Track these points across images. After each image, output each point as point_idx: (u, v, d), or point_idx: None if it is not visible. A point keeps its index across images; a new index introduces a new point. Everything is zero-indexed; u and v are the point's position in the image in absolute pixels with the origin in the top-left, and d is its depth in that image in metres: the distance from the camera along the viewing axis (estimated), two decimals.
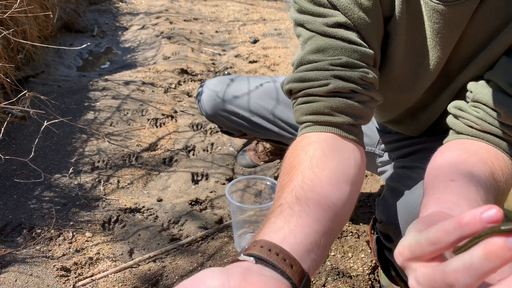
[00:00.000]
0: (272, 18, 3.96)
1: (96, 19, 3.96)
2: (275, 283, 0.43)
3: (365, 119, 0.74)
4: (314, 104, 0.71)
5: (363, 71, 0.71)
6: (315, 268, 0.52)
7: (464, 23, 0.71)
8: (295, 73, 0.74)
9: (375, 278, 1.19)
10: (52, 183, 1.52)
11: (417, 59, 0.80)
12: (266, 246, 0.47)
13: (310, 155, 0.65)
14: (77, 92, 2.29)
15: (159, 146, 1.84)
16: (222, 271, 0.43)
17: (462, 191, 0.56)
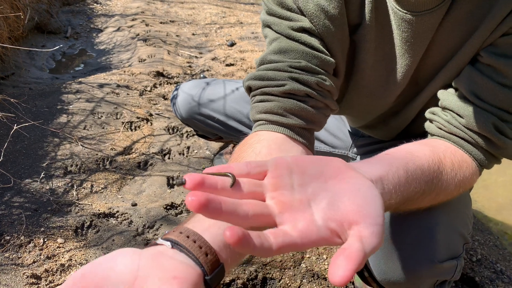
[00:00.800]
0: (249, 21, 3.97)
1: (70, 20, 3.88)
2: (185, 268, 0.43)
3: (318, 125, 0.75)
4: (269, 104, 0.72)
5: (320, 77, 0.73)
6: (237, 259, 0.52)
7: (431, 33, 0.73)
8: (256, 71, 0.76)
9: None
10: (23, 188, 1.48)
11: (387, 66, 0.82)
12: (185, 233, 0.47)
13: (256, 152, 0.66)
14: (50, 95, 2.24)
15: (134, 150, 1.82)
16: (135, 251, 0.44)
17: (383, 160, 0.60)
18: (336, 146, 1.20)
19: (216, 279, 0.46)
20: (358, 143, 1.15)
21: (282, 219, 0.45)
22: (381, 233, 0.45)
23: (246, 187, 0.46)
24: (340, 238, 0.44)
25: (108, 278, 0.41)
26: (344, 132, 1.20)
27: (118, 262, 0.42)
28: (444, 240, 0.73)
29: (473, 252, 1.42)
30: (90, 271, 0.42)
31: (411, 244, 0.73)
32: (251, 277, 1.18)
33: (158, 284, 0.40)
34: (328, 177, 0.48)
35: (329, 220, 0.45)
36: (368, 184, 0.49)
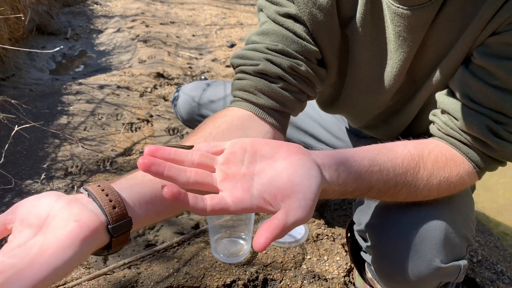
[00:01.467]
0: (249, 22, 3.97)
1: (70, 21, 3.88)
2: (89, 214, 0.48)
3: (290, 108, 0.78)
4: (243, 82, 0.76)
5: (295, 62, 0.75)
6: (154, 218, 0.57)
7: (425, 28, 0.73)
8: (241, 50, 0.79)
9: (350, 281, 1.21)
10: (23, 189, 1.48)
11: (382, 61, 0.82)
12: (102, 186, 0.52)
13: (216, 126, 0.70)
14: (50, 96, 2.24)
15: (134, 151, 1.82)
16: (58, 195, 0.50)
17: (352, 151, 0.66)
18: (338, 147, 1.20)
19: (119, 229, 0.50)
20: (360, 144, 1.15)
21: (222, 187, 0.54)
22: (309, 207, 0.51)
23: (197, 158, 0.55)
24: (273, 207, 0.52)
25: (31, 212, 0.48)
26: (346, 132, 1.20)
27: (41, 201, 0.49)
28: (448, 242, 0.73)
29: (473, 253, 1.42)
30: (22, 204, 0.49)
31: (415, 246, 0.73)
32: (251, 278, 1.18)
33: (61, 223, 0.46)
34: (278, 158, 0.56)
35: (264, 192, 0.53)
36: (309, 165, 0.55)
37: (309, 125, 1.23)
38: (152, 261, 1.23)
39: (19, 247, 0.45)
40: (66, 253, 0.44)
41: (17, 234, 0.47)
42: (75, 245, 0.45)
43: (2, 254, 0.45)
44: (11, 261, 0.43)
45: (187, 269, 1.20)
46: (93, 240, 0.48)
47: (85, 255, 0.47)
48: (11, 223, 0.48)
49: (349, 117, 1.06)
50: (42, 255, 0.44)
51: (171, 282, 1.15)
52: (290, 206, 0.51)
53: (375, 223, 0.80)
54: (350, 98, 0.92)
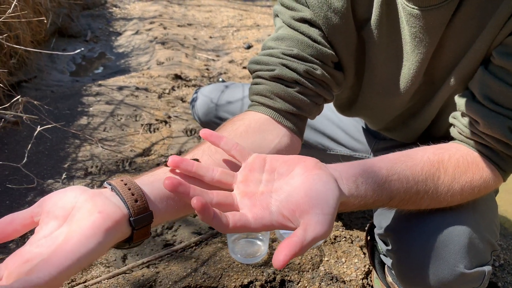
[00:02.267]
0: (266, 24, 3.98)
1: (90, 24, 3.95)
2: (112, 206, 0.50)
3: (307, 112, 0.78)
4: (260, 86, 0.77)
5: (310, 66, 0.75)
6: (173, 214, 0.59)
7: (441, 29, 0.72)
8: (257, 55, 0.80)
9: (368, 283, 1.20)
10: (45, 188, 1.51)
11: (398, 63, 0.81)
12: (125, 181, 0.54)
13: (234, 128, 0.71)
14: (70, 97, 2.28)
15: (153, 152, 1.84)
16: (82, 189, 0.52)
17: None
18: (357, 149, 1.20)
19: (140, 222, 0.52)
20: (379, 146, 1.14)
21: (242, 205, 0.56)
22: (327, 221, 0.52)
23: (217, 175, 0.58)
24: (293, 223, 0.53)
25: (57, 204, 0.50)
26: (363, 134, 1.19)
27: (66, 194, 0.51)
28: (472, 247, 0.72)
29: (495, 257, 1.39)
30: (48, 197, 0.51)
31: (438, 251, 0.72)
32: (269, 279, 1.18)
33: (86, 214, 0.48)
34: (295, 174, 0.57)
35: (283, 208, 0.54)
36: (325, 180, 0.56)
37: (327, 126, 1.23)
38: (170, 260, 1.25)
39: (45, 237, 0.47)
40: (90, 242, 0.46)
41: (44, 225, 0.48)
42: (99, 235, 0.47)
43: (29, 244, 0.46)
44: (37, 250, 0.45)
45: (205, 269, 1.21)
46: (115, 231, 0.49)
47: (108, 245, 0.49)
48: (38, 216, 0.50)
49: (367, 119, 1.05)
50: (67, 244, 0.45)
51: (189, 282, 1.16)
52: (309, 221, 0.52)
53: (397, 227, 0.80)
54: (368, 101, 0.92)
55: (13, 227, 0.50)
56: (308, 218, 0.52)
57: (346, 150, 1.22)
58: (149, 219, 0.53)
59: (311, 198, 0.53)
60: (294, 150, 0.77)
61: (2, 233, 0.49)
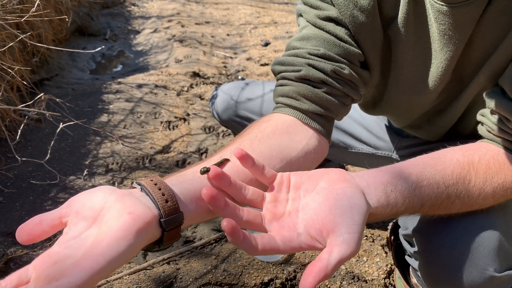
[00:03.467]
0: (284, 21, 3.96)
1: (109, 22, 3.99)
2: (142, 207, 0.49)
3: (335, 112, 0.76)
4: (286, 88, 0.75)
5: (338, 65, 0.73)
6: (204, 215, 0.57)
7: (471, 25, 0.70)
8: (281, 56, 0.78)
9: (390, 283, 1.18)
10: (67, 184, 1.53)
11: (426, 61, 0.79)
12: (155, 181, 0.53)
13: (261, 129, 0.69)
14: (91, 95, 2.31)
15: (172, 149, 1.85)
16: (111, 189, 0.51)
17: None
18: (379, 147, 1.18)
19: (171, 223, 0.51)
20: (403, 144, 1.12)
21: (270, 227, 0.55)
22: (353, 240, 0.50)
23: (249, 194, 0.58)
24: (321, 243, 0.52)
25: (85, 205, 0.49)
26: (387, 132, 1.17)
27: (95, 194, 0.50)
28: (502, 250, 0.70)
29: None
30: (77, 197, 0.50)
31: (467, 253, 0.70)
32: (289, 277, 1.18)
33: (116, 215, 0.47)
34: (320, 190, 0.56)
35: (309, 228, 0.53)
36: (350, 194, 0.54)
37: (349, 124, 1.21)
38: (191, 257, 1.25)
39: (74, 238, 0.46)
40: (121, 244, 0.45)
41: (72, 226, 0.47)
42: (129, 237, 0.46)
43: (58, 245, 0.46)
44: (66, 252, 0.44)
45: (225, 266, 1.21)
46: (146, 232, 0.48)
47: (138, 247, 0.48)
48: (66, 217, 0.49)
49: (391, 117, 1.03)
50: (97, 246, 0.44)
51: (209, 279, 1.16)
52: (334, 242, 0.50)
53: (423, 228, 0.78)
54: (394, 99, 0.90)
55: (41, 228, 0.49)
56: (333, 238, 0.50)
57: (368, 148, 1.20)
58: (180, 220, 0.52)
59: (336, 215, 0.52)
60: (322, 152, 0.74)
61: (31, 234, 0.49)
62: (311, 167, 0.72)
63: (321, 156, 0.74)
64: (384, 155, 1.18)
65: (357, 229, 0.51)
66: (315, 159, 0.72)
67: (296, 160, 0.69)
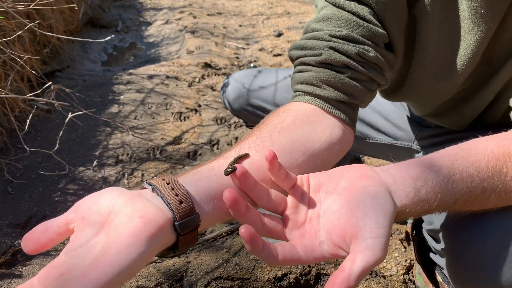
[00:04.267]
0: (297, 11, 3.89)
1: (121, 14, 3.97)
2: (154, 210, 0.44)
3: (360, 99, 0.69)
4: (305, 74, 0.68)
5: (362, 48, 0.67)
6: (221, 216, 0.53)
7: (507, 2, 0.64)
8: (299, 40, 0.71)
9: (409, 279, 1.13)
10: (77, 175, 1.51)
11: (454, 43, 0.73)
12: (167, 180, 0.49)
13: (280, 120, 0.63)
14: (102, 85, 2.29)
15: (183, 140, 1.81)
16: (120, 190, 0.46)
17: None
18: (399, 137, 1.12)
19: (186, 226, 0.46)
20: (424, 134, 1.06)
21: (291, 236, 0.52)
22: (378, 246, 0.45)
23: (273, 196, 0.54)
24: (345, 250, 0.48)
25: (92, 209, 0.45)
26: (407, 121, 1.11)
27: (102, 197, 0.46)
28: None
29: None
30: (83, 201, 0.46)
31: (501, 251, 0.64)
32: (304, 272, 1.13)
33: (125, 219, 0.43)
34: (340, 190, 0.52)
35: (331, 234, 0.49)
36: (373, 193, 0.50)
37: (367, 113, 1.15)
38: (202, 250, 1.21)
39: (81, 246, 0.42)
40: (131, 252, 0.40)
41: (79, 233, 0.44)
42: (140, 243, 0.41)
43: (64, 254, 0.42)
44: (73, 262, 0.40)
45: (237, 260, 1.17)
46: (159, 238, 0.43)
47: (151, 254, 0.43)
48: (73, 223, 0.45)
49: (413, 104, 0.97)
50: (105, 255, 0.40)
51: (220, 273, 1.12)
52: (357, 249, 0.46)
53: (451, 223, 0.72)
54: (417, 84, 0.84)
55: (47, 237, 0.45)
56: (357, 245, 0.46)
57: (387, 139, 1.14)
58: (196, 223, 0.47)
59: (358, 219, 0.47)
60: (347, 143, 0.68)
61: (37, 243, 0.45)
62: (335, 160, 0.67)
63: (346, 147, 0.68)
64: (404, 146, 1.12)
65: (382, 233, 0.46)
66: (339, 150, 0.66)
67: (319, 153, 0.63)
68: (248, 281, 1.11)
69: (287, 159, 0.59)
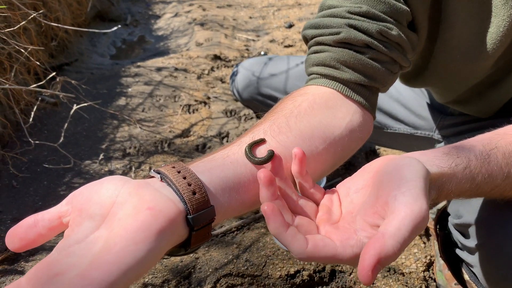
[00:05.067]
0: (308, 2, 3.80)
1: (129, 8, 3.93)
2: (165, 201, 0.39)
3: (381, 82, 0.63)
4: (322, 55, 0.62)
5: (384, 25, 0.60)
6: (239, 208, 0.48)
7: None
8: (314, 18, 0.65)
9: (430, 276, 1.07)
10: (82, 169, 1.47)
11: (483, 21, 0.66)
12: (177, 168, 0.43)
13: (296, 104, 0.57)
14: (109, 78, 2.25)
15: (192, 133, 1.77)
16: (123, 179, 0.41)
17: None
18: (419, 126, 1.05)
19: (200, 220, 0.41)
20: (446, 123, 0.99)
21: (324, 231, 0.45)
22: (413, 197, 0.38)
23: (301, 203, 0.49)
24: None
25: (91, 200, 0.39)
26: (427, 109, 1.04)
27: (103, 187, 0.40)
28: None
29: None
30: (80, 192, 0.41)
31: None
32: (318, 269, 1.07)
33: (131, 211, 0.37)
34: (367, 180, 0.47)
35: (365, 216, 0.43)
36: (398, 161, 0.44)
37: (384, 101, 1.09)
38: (210, 245, 1.16)
39: (78, 243, 0.36)
40: (139, 248, 0.35)
41: (75, 227, 0.38)
42: (150, 239, 0.36)
43: (57, 251, 0.36)
44: (69, 261, 0.34)
45: (247, 256, 1.12)
46: (171, 233, 0.38)
47: (161, 252, 0.37)
48: (67, 216, 0.40)
49: (436, 90, 0.90)
50: (108, 252, 0.34)
51: (230, 269, 1.07)
52: (390, 212, 0.39)
53: (485, 217, 0.65)
54: (441, 68, 0.77)
55: (36, 232, 0.40)
56: (389, 210, 0.39)
57: (406, 128, 1.08)
58: (211, 216, 0.42)
59: (385, 188, 0.41)
60: (367, 129, 0.63)
61: (24, 239, 0.39)
62: (356, 148, 0.61)
63: (366, 134, 0.62)
64: (424, 135, 1.06)
65: (415, 185, 0.39)
66: (360, 138, 0.61)
67: (340, 140, 0.57)
68: (259, 278, 1.05)
69: (306, 146, 0.53)
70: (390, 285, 1.03)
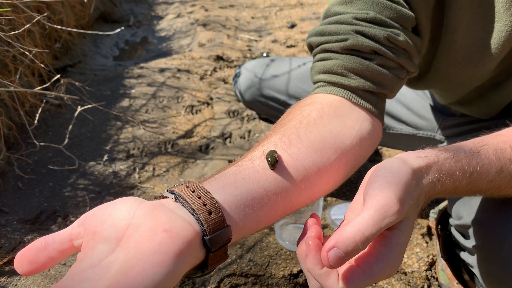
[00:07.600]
0: (310, 2, 3.81)
1: (132, 9, 3.94)
2: (181, 223, 0.38)
3: (388, 88, 0.63)
4: (329, 62, 0.62)
5: (391, 31, 0.60)
6: (255, 225, 0.47)
7: None
8: (318, 26, 0.65)
9: (432, 275, 1.07)
10: (87, 170, 1.48)
11: (485, 25, 0.66)
12: (192, 187, 0.42)
13: (304, 114, 0.57)
14: (113, 79, 2.26)
15: (195, 133, 1.78)
16: (137, 200, 0.40)
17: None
18: (421, 127, 1.06)
19: (217, 241, 0.40)
20: (448, 123, 1.00)
21: None
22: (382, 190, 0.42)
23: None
24: None
25: (105, 222, 0.38)
26: (430, 110, 1.05)
27: (117, 208, 0.39)
28: None
29: None
30: (92, 213, 0.40)
31: None
32: None
33: (147, 234, 0.37)
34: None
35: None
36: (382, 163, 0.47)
37: (386, 102, 1.09)
38: None
39: (93, 267, 0.35)
40: (157, 272, 0.34)
41: (89, 251, 0.37)
42: (168, 262, 0.35)
43: (70, 277, 0.34)
44: (83, 286, 0.33)
45: (251, 256, 1.13)
46: (188, 255, 0.37)
47: (179, 275, 0.37)
48: (78, 238, 0.39)
49: (439, 92, 0.91)
50: (125, 276, 0.33)
51: (234, 269, 1.08)
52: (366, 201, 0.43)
53: (483, 218, 0.66)
54: (443, 71, 0.78)
55: (46, 254, 0.39)
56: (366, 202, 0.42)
57: (408, 129, 1.08)
58: (228, 236, 0.42)
59: (370, 183, 0.44)
60: (377, 136, 0.63)
61: (33, 263, 0.38)
62: (367, 156, 0.61)
63: (376, 141, 0.63)
64: (426, 136, 1.06)
65: (383, 179, 0.43)
66: (370, 145, 0.61)
67: (351, 149, 0.57)
68: (262, 277, 1.06)
69: (319, 157, 0.53)
70: (393, 284, 1.03)
